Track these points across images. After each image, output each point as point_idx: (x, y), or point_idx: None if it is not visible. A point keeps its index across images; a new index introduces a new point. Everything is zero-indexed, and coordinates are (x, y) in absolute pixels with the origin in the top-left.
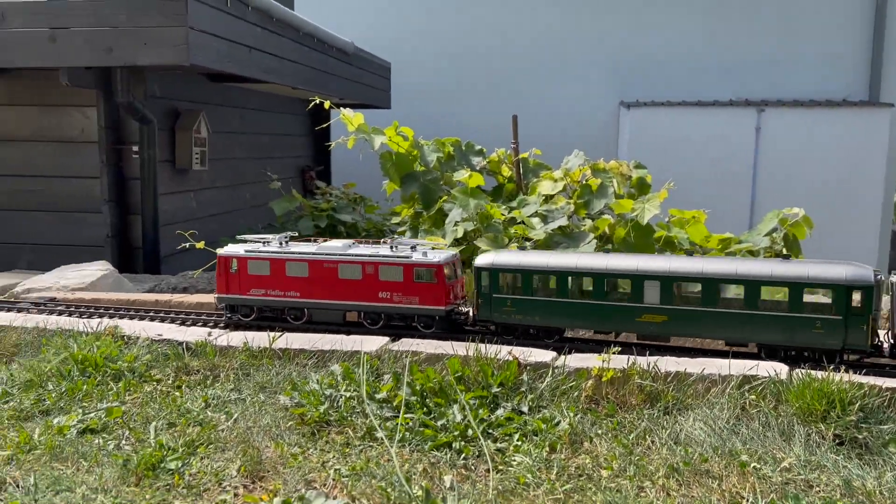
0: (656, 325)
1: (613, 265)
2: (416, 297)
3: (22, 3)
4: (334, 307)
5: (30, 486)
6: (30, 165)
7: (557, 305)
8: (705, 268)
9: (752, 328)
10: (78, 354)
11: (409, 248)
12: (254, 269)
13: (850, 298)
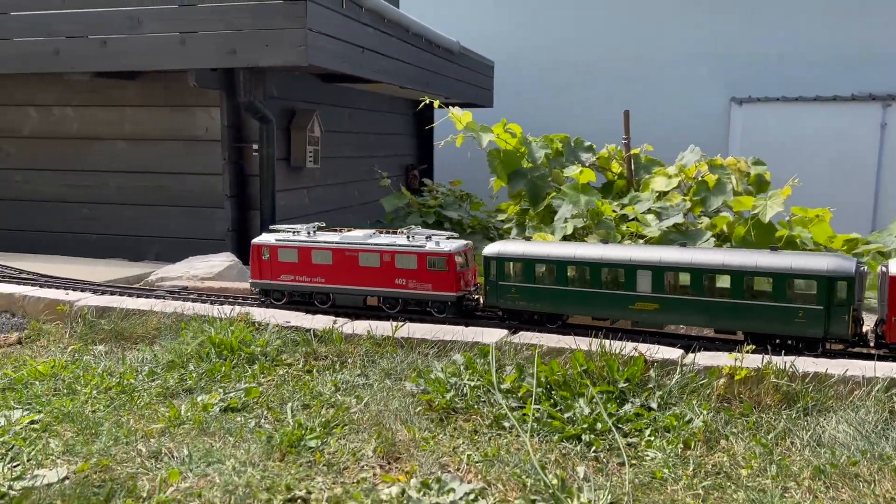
0: (648, 313)
1: (609, 255)
2: (429, 284)
3: (155, 10)
4: (356, 292)
5: (184, 457)
6: (160, 163)
7: (558, 293)
8: (694, 258)
9: (739, 317)
10: (215, 338)
11: (424, 238)
12: (284, 256)
13: (831, 289)
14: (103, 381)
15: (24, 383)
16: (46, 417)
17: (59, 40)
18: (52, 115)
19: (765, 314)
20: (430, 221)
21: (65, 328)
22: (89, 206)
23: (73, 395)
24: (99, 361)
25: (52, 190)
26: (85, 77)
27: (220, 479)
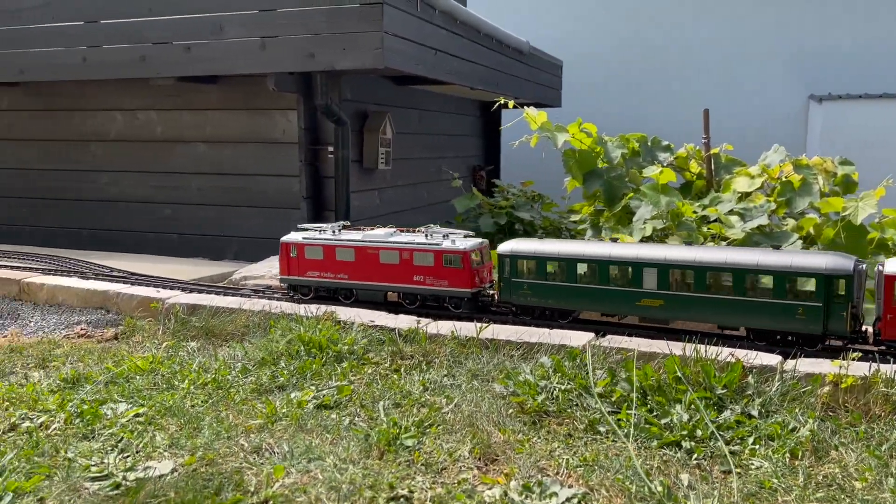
0: (654, 309)
1: (616, 253)
2: (445, 281)
3: (237, 16)
4: (377, 288)
5: (285, 453)
6: (239, 165)
7: (567, 289)
8: (697, 256)
9: (741, 313)
10: (304, 336)
11: (441, 237)
12: (310, 254)
13: (829, 287)
14: (199, 377)
15: (125, 377)
16: (150, 411)
17: (145, 47)
18: (137, 119)
19: (766, 311)
20: (502, 222)
21: (158, 325)
22: (171, 207)
23: (172, 390)
24: (193, 357)
25: (136, 191)
26: (169, 82)
27: (323, 475)
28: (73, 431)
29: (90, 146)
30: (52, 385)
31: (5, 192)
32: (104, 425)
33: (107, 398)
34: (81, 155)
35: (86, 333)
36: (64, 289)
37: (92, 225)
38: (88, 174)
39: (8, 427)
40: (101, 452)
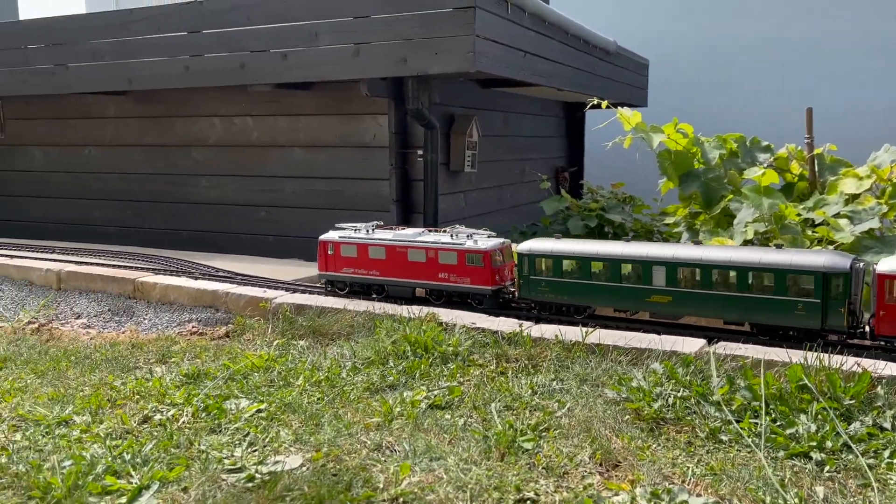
0: (663, 305)
1: (627, 252)
2: (468, 278)
3: (331, 23)
4: (406, 285)
5: (406, 452)
6: (332, 169)
7: (582, 286)
8: (703, 255)
9: (745, 309)
10: (410, 337)
11: (465, 237)
12: (345, 251)
13: (827, 284)
14: (313, 375)
15: (242, 374)
16: (270, 407)
17: (244, 55)
18: (235, 125)
19: (768, 307)
20: (592, 225)
21: (266, 324)
22: (267, 210)
23: (289, 387)
24: (303, 356)
25: (234, 194)
26: (266, 89)
27: (448, 475)
28: (201, 425)
29: (191, 151)
30: (174, 380)
31: (112, 195)
32: (229, 420)
33: (228, 394)
34: (183, 160)
35: (197, 331)
36: (175, 288)
37: (192, 226)
38: (189, 178)
39: (142, 419)
40: (230, 446)
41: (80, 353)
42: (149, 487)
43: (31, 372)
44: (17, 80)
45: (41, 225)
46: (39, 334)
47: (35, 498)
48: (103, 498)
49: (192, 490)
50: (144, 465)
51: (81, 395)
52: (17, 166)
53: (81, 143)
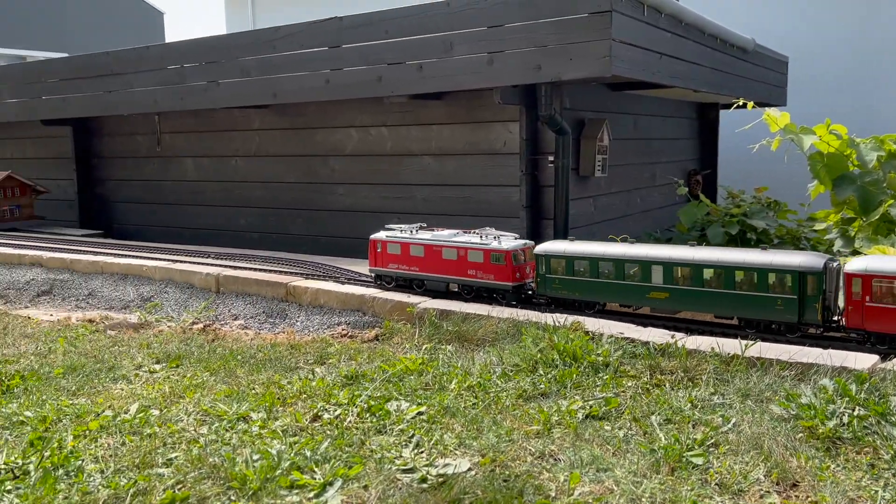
0: (661, 301)
1: (630, 253)
2: (492, 275)
3: (466, 33)
4: (441, 280)
5: (571, 461)
6: (461, 176)
7: (590, 284)
8: (695, 255)
9: (732, 305)
10: (559, 345)
11: (492, 238)
12: (391, 249)
13: (803, 282)
14: (465, 380)
15: (398, 377)
16: (430, 410)
17: (381, 67)
18: (370, 135)
19: (752, 303)
20: (734, 232)
21: (412, 328)
22: (399, 216)
23: (443, 391)
24: (452, 360)
25: (368, 201)
26: (401, 100)
27: (619, 487)
28: (367, 425)
29: (329, 161)
30: (335, 381)
31: (257, 203)
32: (393, 421)
33: (388, 396)
34: (321, 169)
35: (347, 333)
36: (325, 292)
37: (329, 232)
38: (327, 186)
39: (312, 417)
40: (397, 447)
41: (245, 353)
42: (332, 484)
43: (205, 370)
44: (174, 96)
45: (193, 231)
46: (205, 334)
47: (234, 489)
48: (292, 492)
49: (372, 488)
50: (325, 463)
51: (254, 393)
52: (172, 176)
53: (229, 154)
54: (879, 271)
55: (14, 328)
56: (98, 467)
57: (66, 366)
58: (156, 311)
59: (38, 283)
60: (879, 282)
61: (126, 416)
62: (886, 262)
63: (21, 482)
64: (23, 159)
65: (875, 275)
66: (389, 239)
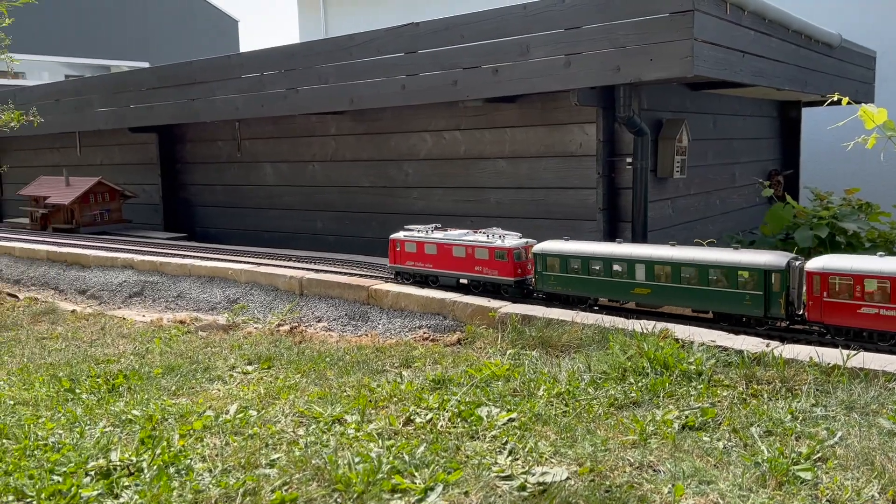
0: (644, 296)
1: (616, 252)
2: (496, 271)
3: (543, 36)
4: (452, 275)
5: (672, 472)
6: (535, 179)
7: (581, 280)
8: (674, 255)
9: (707, 300)
10: (649, 353)
11: (497, 237)
12: (408, 248)
13: (768, 280)
14: (553, 387)
15: (485, 382)
16: (521, 417)
17: (457, 72)
18: (444, 139)
19: (724, 298)
20: (823, 235)
21: (494, 332)
22: (472, 219)
23: (532, 398)
24: (537, 367)
25: (441, 205)
26: (477, 104)
27: (724, 500)
28: (459, 430)
29: (403, 165)
30: (423, 384)
31: (333, 206)
32: (484, 427)
33: (478, 401)
34: (396, 173)
35: (429, 337)
36: (406, 295)
37: None
38: (401, 190)
39: (405, 420)
40: (492, 453)
41: (332, 355)
42: (433, 489)
43: (296, 371)
44: (254, 103)
45: (272, 234)
46: (293, 336)
47: (339, 491)
48: (394, 496)
49: (473, 495)
50: (425, 467)
51: (346, 396)
52: (252, 181)
53: (307, 159)
54: (835, 269)
55: (111, 328)
56: (206, 466)
57: (164, 366)
58: (242, 312)
59: (130, 284)
60: (835, 279)
61: (227, 416)
62: (842, 261)
63: (135, 479)
64: (111, 165)
65: (832, 273)
66: (407, 238)
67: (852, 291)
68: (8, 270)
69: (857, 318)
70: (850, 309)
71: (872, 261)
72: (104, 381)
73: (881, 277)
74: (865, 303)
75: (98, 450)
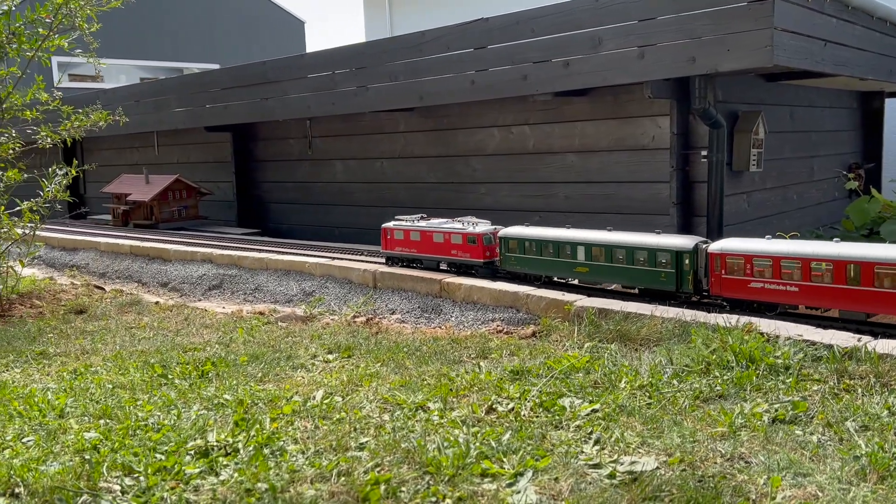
0: (584, 274)
1: (563, 236)
2: (468, 254)
3: (615, 28)
4: (432, 259)
5: (766, 465)
6: (606, 172)
7: (535, 261)
8: (606, 238)
9: (633, 277)
10: (735, 346)
11: (471, 225)
12: (397, 235)
13: (679, 260)
14: (635, 380)
15: (564, 373)
16: (604, 408)
17: (526, 66)
18: (512, 134)
19: (646, 275)
20: None
21: (570, 325)
22: (540, 214)
23: (614, 390)
24: (616, 359)
25: (508, 200)
26: (546, 98)
27: (824, 493)
28: (542, 419)
29: (471, 161)
30: (502, 375)
31: (402, 202)
32: (567, 417)
33: (559, 392)
34: (463, 169)
35: (503, 330)
36: (479, 288)
37: None
38: (468, 186)
39: (487, 409)
40: (577, 442)
41: (409, 346)
42: (523, 475)
43: (375, 360)
44: (325, 102)
45: (342, 230)
46: (369, 327)
47: (430, 473)
48: (484, 479)
49: (563, 481)
50: (512, 454)
51: (426, 384)
52: (323, 178)
53: (376, 156)
54: (731, 250)
55: (194, 318)
56: (298, 448)
57: (249, 354)
58: (319, 305)
59: (209, 277)
60: (731, 259)
61: (314, 402)
62: (736, 244)
63: (233, 458)
64: (187, 164)
65: (728, 253)
66: (395, 227)
67: (744, 269)
68: (94, 264)
69: (748, 291)
70: (742, 284)
71: (761, 243)
72: (194, 368)
73: (766, 257)
74: (754, 278)
75: (195, 431)
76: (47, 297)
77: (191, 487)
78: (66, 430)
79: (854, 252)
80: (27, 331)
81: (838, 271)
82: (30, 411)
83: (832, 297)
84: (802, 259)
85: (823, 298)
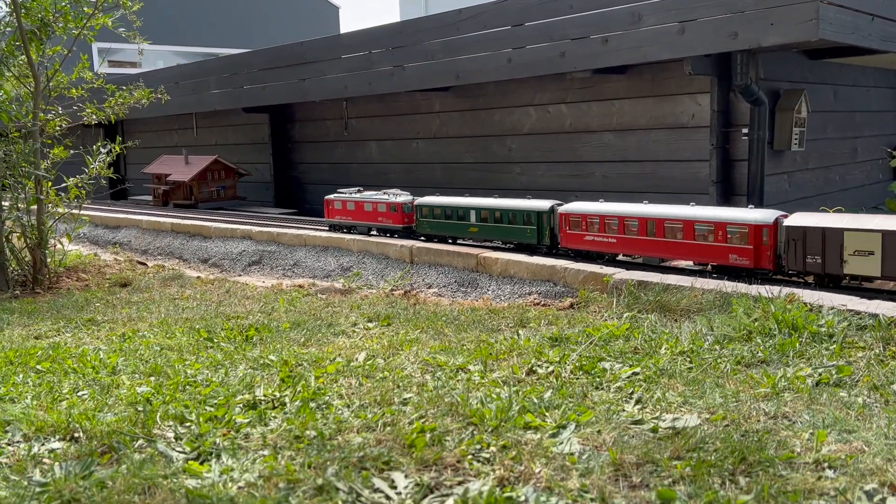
0: (474, 234)
1: (461, 203)
2: (391, 220)
3: (655, 3)
4: (364, 225)
5: (810, 422)
6: (644, 151)
7: (441, 224)
8: (489, 204)
9: (508, 234)
10: (778, 315)
11: (394, 196)
12: (337, 206)
13: (539, 218)
14: (676, 346)
15: (604, 341)
16: (645, 371)
17: (564, 43)
18: (548, 113)
19: (518, 232)
20: None
21: (608, 298)
22: (577, 194)
23: (654, 355)
24: (656, 328)
25: (544, 180)
26: (585, 75)
27: (870, 448)
28: (583, 381)
29: (506, 140)
30: (541, 341)
31: (436, 183)
32: (608, 379)
33: (598, 356)
34: (499, 148)
35: (541, 302)
36: (515, 262)
37: None
38: (504, 165)
39: (527, 371)
40: (619, 402)
41: (448, 315)
42: (565, 427)
43: (414, 328)
44: (362, 82)
45: None
46: (407, 299)
47: (474, 424)
48: (527, 431)
49: (605, 434)
50: (554, 409)
51: (465, 349)
52: (358, 159)
53: (411, 136)
54: (573, 211)
55: (236, 291)
56: (344, 402)
57: (291, 322)
58: (357, 279)
59: (248, 253)
60: (573, 218)
61: (356, 363)
62: (578, 206)
63: (280, 411)
64: (225, 145)
65: (571, 214)
66: (336, 199)
67: (580, 226)
68: (136, 241)
69: (584, 243)
70: (580, 237)
71: (594, 205)
72: (238, 333)
73: (596, 216)
74: (588, 233)
75: (243, 386)
76: (92, 272)
77: (241, 435)
78: (119, 385)
79: (653, 211)
80: (75, 301)
81: (642, 226)
82: (83, 368)
83: (639, 246)
84: (620, 217)
85: (633, 247)
